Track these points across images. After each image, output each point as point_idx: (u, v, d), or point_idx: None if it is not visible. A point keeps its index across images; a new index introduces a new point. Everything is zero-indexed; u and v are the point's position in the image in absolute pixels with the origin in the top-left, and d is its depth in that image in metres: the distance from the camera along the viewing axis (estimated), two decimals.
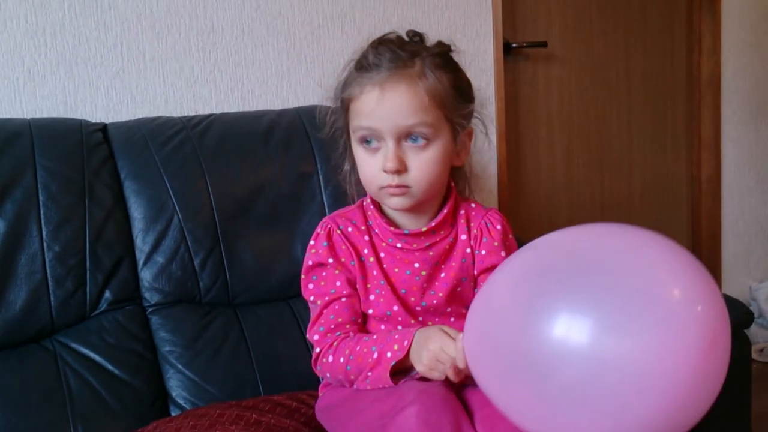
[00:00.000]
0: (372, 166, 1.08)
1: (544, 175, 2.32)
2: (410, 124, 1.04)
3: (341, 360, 1.07)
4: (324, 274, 1.14)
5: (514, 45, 2.14)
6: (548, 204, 2.31)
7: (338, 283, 1.12)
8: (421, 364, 0.99)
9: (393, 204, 1.10)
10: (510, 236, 1.18)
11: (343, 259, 1.13)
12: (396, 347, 1.02)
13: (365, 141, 1.08)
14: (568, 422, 0.73)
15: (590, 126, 2.39)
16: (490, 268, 1.12)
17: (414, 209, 1.12)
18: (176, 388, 1.32)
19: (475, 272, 1.15)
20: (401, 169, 1.06)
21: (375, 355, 1.03)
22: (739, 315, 1.39)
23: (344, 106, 1.10)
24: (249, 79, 1.70)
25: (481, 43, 2.00)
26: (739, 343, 1.38)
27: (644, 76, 2.48)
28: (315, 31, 1.76)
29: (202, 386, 1.31)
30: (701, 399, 0.74)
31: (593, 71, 2.37)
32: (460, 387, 1.04)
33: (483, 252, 1.14)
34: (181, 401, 1.31)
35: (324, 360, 1.10)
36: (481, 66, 2.01)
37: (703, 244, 2.64)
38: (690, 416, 0.74)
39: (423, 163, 1.06)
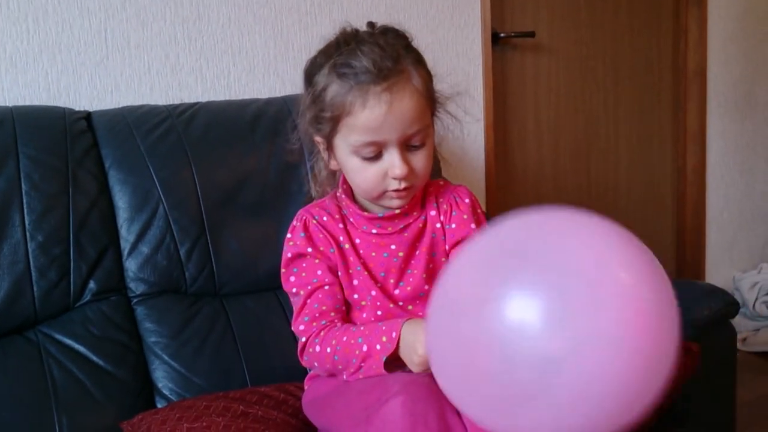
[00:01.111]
0: (374, 174, 1.07)
1: (531, 165, 2.32)
2: (414, 132, 1.05)
3: (328, 350, 1.07)
4: (304, 264, 1.14)
5: (502, 35, 2.14)
6: (535, 194, 2.31)
7: (319, 272, 1.12)
8: (414, 365, 0.99)
9: (395, 204, 1.12)
10: (479, 210, 1.19)
11: (321, 248, 1.14)
12: (384, 339, 1.02)
13: (365, 152, 1.06)
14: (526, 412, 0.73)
15: (577, 116, 2.40)
16: (461, 241, 1.14)
17: None
18: (162, 379, 1.31)
19: (447, 246, 1.16)
20: (409, 173, 1.07)
21: (364, 348, 1.03)
22: (725, 305, 1.40)
23: (332, 118, 1.05)
24: (235, 67, 1.68)
25: (469, 32, 1.99)
26: (725, 333, 1.40)
27: (631, 67, 2.49)
28: (302, 18, 1.74)
29: (188, 377, 1.30)
30: (649, 383, 0.74)
31: (581, 62, 2.38)
32: None
33: (453, 225, 1.16)
34: (167, 392, 1.30)
35: (310, 350, 1.10)
36: (468, 55, 2.00)
37: (688, 235, 2.66)
38: (638, 404, 0.74)
39: (423, 163, 1.09)
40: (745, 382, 1.63)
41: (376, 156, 1.06)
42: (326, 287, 1.12)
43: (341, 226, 1.15)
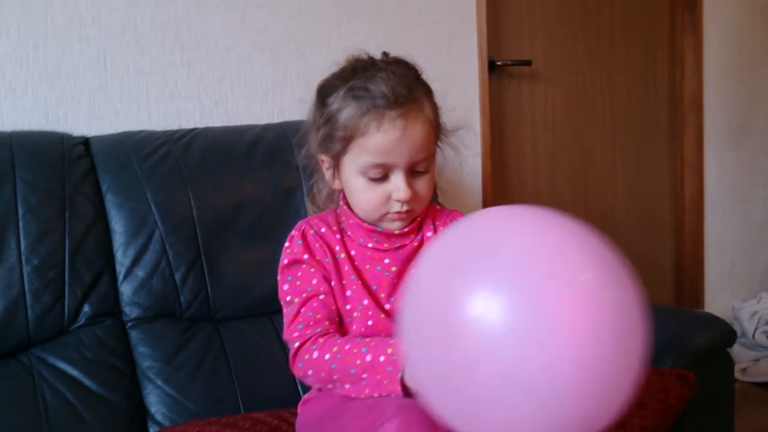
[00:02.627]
0: (378, 196, 1.12)
1: (528, 193, 2.33)
2: (422, 158, 1.12)
3: (326, 357, 1.06)
4: (299, 273, 1.16)
5: (498, 63, 2.15)
6: None
7: (314, 281, 1.14)
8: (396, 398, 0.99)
9: (395, 227, 1.16)
10: None
11: (318, 257, 1.16)
12: (390, 351, 1.01)
13: (372, 173, 1.11)
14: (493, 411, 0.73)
15: (574, 144, 2.41)
16: None
17: None
18: (155, 404, 1.30)
19: None
20: (412, 197, 1.12)
21: (368, 357, 1.02)
22: (722, 334, 1.39)
23: (344, 138, 1.10)
24: (233, 94, 1.70)
25: (466, 60, 2.01)
26: (723, 363, 1.39)
27: (627, 95, 2.50)
28: (300, 46, 1.76)
29: (182, 402, 1.29)
30: (616, 383, 0.73)
31: (577, 90, 2.39)
32: None
33: None
34: (159, 417, 1.29)
35: (306, 356, 1.09)
36: (465, 83, 2.01)
37: (686, 263, 2.65)
38: (608, 404, 0.74)
39: (425, 188, 1.14)
40: (744, 413, 1.62)
41: (382, 178, 1.11)
42: (321, 296, 1.13)
43: (338, 237, 1.18)
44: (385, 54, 1.16)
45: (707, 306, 2.65)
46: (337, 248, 1.17)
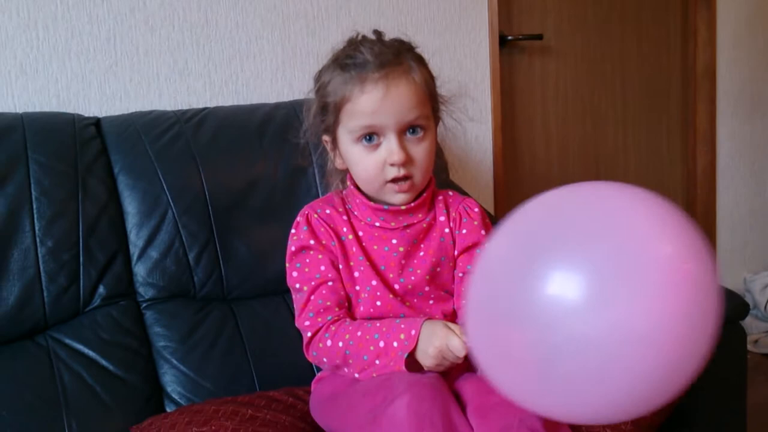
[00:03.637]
0: (374, 163, 1.10)
1: (539, 168, 2.32)
2: (413, 118, 1.09)
3: (340, 344, 1.08)
4: (307, 260, 1.15)
5: (509, 37, 2.13)
6: None
7: (322, 268, 1.14)
8: (428, 359, 1.01)
9: (398, 200, 1.14)
10: (487, 220, 1.22)
11: (324, 241, 1.16)
12: (402, 336, 1.03)
13: (365, 139, 1.10)
14: (562, 386, 0.74)
15: (585, 118, 2.39)
16: (471, 247, 1.16)
17: None
18: (171, 383, 1.31)
19: (456, 252, 1.17)
20: (407, 160, 1.09)
21: (381, 344, 1.04)
22: (735, 306, 1.39)
23: (335, 108, 1.11)
24: (243, 73, 1.69)
25: (477, 35, 1.99)
26: (735, 335, 1.39)
27: (640, 68, 2.48)
28: (310, 23, 1.75)
29: (198, 381, 1.30)
30: (690, 356, 0.74)
31: (589, 64, 2.37)
32: (453, 378, 1.04)
33: (464, 231, 1.18)
34: (176, 396, 1.30)
35: (320, 344, 1.10)
36: (476, 58, 2.00)
37: None
38: (679, 376, 0.74)
39: (424, 153, 1.12)
40: (756, 384, 1.62)
41: (377, 144, 1.09)
42: (330, 283, 1.13)
43: (345, 218, 1.17)
44: (377, 32, 1.15)
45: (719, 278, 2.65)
46: (344, 229, 1.16)
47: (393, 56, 1.08)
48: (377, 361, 1.04)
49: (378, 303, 1.13)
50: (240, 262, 1.41)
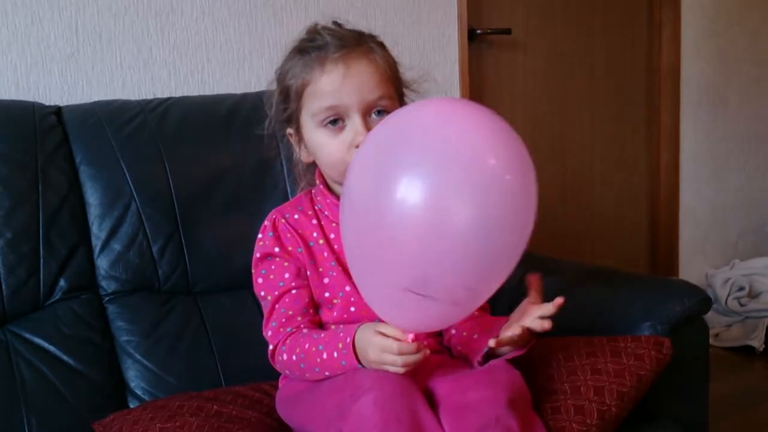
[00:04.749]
0: (338, 146, 1.08)
1: None
2: (376, 97, 1.07)
3: (294, 358, 1.07)
4: (273, 267, 1.14)
5: (478, 31, 2.13)
6: None
7: (287, 275, 1.12)
8: (373, 363, 0.98)
9: None
10: None
11: (290, 248, 1.14)
12: (340, 345, 1.02)
13: (329, 123, 1.08)
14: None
15: (553, 113, 2.41)
16: None
17: None
18: (134, 378, 1.29)
19: None
20: None
21: (324, 356, 1.03)
22: (698, 301, 1.40)
23: (296, 93, 1.10)
24: (209, 62, 1.67)
25: (446, 28, 1.99)
26: (698, 329, 1.41)
27: (606, 64, 2.50)
28: (277, 13, 1.73)
29: (162, 377, 1.29)
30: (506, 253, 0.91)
31: (556, 59, 2.39)
32: (427, 376, 1.04)
33: None
34: (139, 392, 1.28)
35: (279, 358, 1.10)
36: (445, 52, 2.00)
37: (662, 231, 2.68)
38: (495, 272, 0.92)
39: None
40: (717, 377, 1.65)
41: (341, 127, 1.07)
42: (293, 291, 1.12)
43: (314, 221, 1.15)
44: (336, 22, 1.13)
45: (681, 273, 2.69)
46: (314, 234, 1.14)
47: (354, 39, 1.08)
48: (327, 373, 1.04)
49: (352, 309, 1.11)
50: (205, 256, 1.39)
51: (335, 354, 1.02)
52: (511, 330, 0.99)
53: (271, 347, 1.12)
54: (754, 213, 2.91)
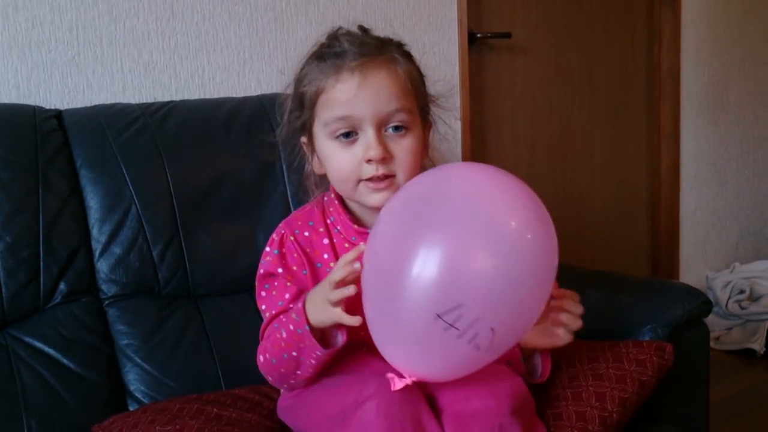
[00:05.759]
0: (350, 160, 1.03)
1: (507, 165, 2.26)
2: (392, 110, 1.02)
3: (265, 357, 1.07)
4: (276, 283, 1.11)
5: (478, 35, 2.13)
6: None
7: (287, 296, 1.09)
8: (321, 308, 0.97)
9: (375, 201, 1.04)
10: None
11: (294, 268, 1.10)
12: (294, 316, 1.00)
13: (342, 135, 1.03)
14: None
15: (553, 117, 2.41)
16: None
17: None
18: (134, 382, 1.29)
19: None
20: (387, 156, 1.02)
21: (283, 334, 1.01)
22: (699, 305, 1.40)
23: (310, 100, 1.05)
24: (210, 66, 1.67)
25: (446, 32, 1.99)
26: (699, 332, 1.41)
27: (606, 68, 2.50)
28: (278, 17, 1.73)
29: (161, 380, 1.29)
30: (531, 305, 0.93)
31: (556, 63, 2.39)
32: (429, 384, 1.03)
33: None
34: (139, 395, 1.28)
35: (260, 363, 1.09)
36: (445, 56, 2.00)
37: (662, 234, 2.68)
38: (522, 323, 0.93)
39: (406, 151, 1.04)
40: (717, 380, 1.65)
41: (353, 140, 1.03)
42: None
43: (326, 241, 1.10)
44: (362, 27, 1.09)
45: (682, 276, 2.69)
46: (325, 256, 1.09)
47: (375, 47, 1.03)
48: (294, 353, 1.01)
49: (361, 333, 1.02)
50: (206, 259, 1.39)
51: (291, 326, 1.00)
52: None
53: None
54: (754, 216, 2.91)
